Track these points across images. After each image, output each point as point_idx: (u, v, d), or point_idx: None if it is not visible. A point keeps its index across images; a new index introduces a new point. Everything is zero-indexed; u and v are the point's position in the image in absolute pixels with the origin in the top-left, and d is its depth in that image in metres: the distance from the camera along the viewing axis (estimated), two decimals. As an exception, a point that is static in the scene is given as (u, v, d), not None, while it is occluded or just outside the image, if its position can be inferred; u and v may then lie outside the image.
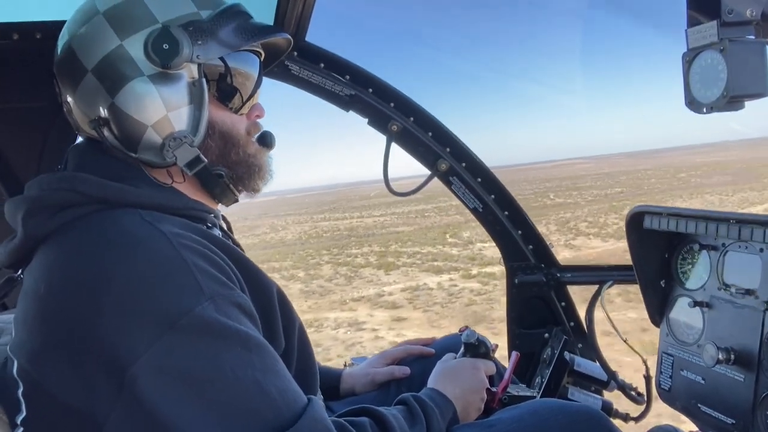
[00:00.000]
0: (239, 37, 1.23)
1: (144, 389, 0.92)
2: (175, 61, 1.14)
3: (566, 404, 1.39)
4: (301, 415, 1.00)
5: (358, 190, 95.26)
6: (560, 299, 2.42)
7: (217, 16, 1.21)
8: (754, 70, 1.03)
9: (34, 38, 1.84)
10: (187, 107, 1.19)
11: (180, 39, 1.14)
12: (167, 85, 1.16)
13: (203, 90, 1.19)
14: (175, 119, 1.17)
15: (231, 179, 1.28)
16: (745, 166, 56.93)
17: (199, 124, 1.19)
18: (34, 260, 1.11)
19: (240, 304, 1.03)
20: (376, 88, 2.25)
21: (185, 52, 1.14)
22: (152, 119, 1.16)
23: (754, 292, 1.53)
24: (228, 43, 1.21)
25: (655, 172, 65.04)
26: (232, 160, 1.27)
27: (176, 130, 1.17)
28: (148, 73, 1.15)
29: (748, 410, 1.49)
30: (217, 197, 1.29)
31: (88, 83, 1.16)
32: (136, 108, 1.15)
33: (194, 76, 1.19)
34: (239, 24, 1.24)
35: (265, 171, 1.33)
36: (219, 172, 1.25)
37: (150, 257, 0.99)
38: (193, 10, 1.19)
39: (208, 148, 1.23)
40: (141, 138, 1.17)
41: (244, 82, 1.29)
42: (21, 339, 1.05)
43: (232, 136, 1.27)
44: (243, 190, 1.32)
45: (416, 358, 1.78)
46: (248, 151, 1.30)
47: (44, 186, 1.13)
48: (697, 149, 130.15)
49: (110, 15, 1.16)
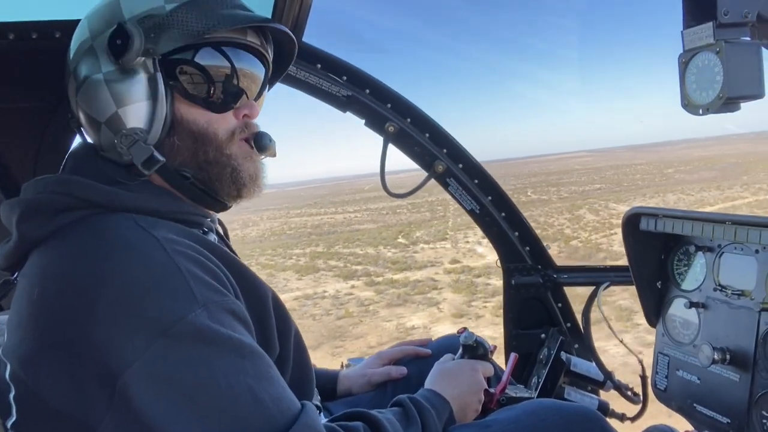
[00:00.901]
0: (200, 27, 1.15)
1: (136, 396, 0.92)
2: (126, 56, 1.12)
3: (563, 404, 1.39)
4: (294, 422, 0.99)
5: (357, 182, 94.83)
6: (557, 300, 2.43)
7: (181, 7, 1.15)
8: (750, 72, 1.04)
9: (30, 38, 1.83)
10: (142, 103, 1.15)
11: (132, 33, 1.11)
12: (120, 81, 1.14)
13: (158, 85, 1.15)
14: (127, 115, 1.15)
15: (202, 181, 1.20)
16: (740, 161, 56.88)
17: (153, 120, 1.15)
18: (28, 264, 1.10)
19: (234, 311, 1.02)
20: (373, 88, 2.25)
21: (135, 46, 1.11)
22: (104, 116, 1.16)
23: (749, 293, 1.54)
24: (189, 33, 1.14)
25: (647, 166, 65.02)
26: (202, 160, 1.19)
27: (128, 126, 1.15)
28: (105, 69, 1.15)
29: (744, 410, 1.50)
30: (199, 201, 1.23)
31: (70, 83, 1.19)
32: (90, 105, 1.16)
33: (150, 71, 1.15)
34: (203, 13, 1.16)
35: (245, 176, 1.22)
36: (184, 173, 1.19)
37: (143, 263, 0.98)
38: (158, 3, 1.15)
39: (175, 148, 1.18)
40: (98, 136, 1.18)
41: (219, 78, 1.19)
42: (13, 343, 1.04)
43: (207, 135, 1.19)
44: (225, 194, 1.23)
45: (413, 359, 1.77)
46: (225, 152, 1.20)
47: (40, 189, 1.12)
48: (700, 143, 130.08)
49: (90, 17, 1.19)
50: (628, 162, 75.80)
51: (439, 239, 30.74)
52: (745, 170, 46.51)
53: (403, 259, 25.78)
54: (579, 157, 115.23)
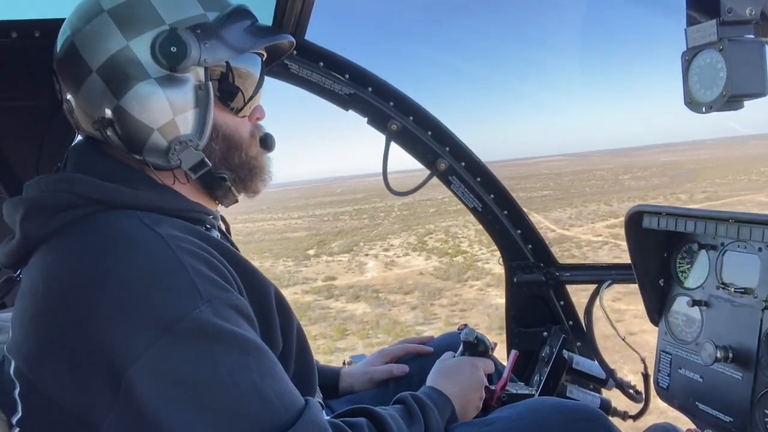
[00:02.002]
0: (246, 39, 1.21)
1: (141, 393, 0.92)
2: (183, 64, 1.12)
3: (565, 402, 1.39)
4: (298, 418, 1.00)
5: (332, 185, 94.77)
6: (559, 298, 2.43)
7: (224, 18, 1.19)
8: (754, 70, 1.03)
9: (33, 36, 1.83)
10: (192, 110, 1.17)
11: (188, 42, 1.12)
12: (174, 88, 1.14)
13: (209, 93, 1.18)
14: (181, 123, 1.16)
15: (233, 182, 1.27)
16: (698, 167, 56.96)
17: (204, 128, 1.18)
18: (31, 261, 1.10)
19: (237, 307, 1.03)
20: (375, 86, 2.25)
21: (193, 55, 1.12)
22: (159, 123, 1.15)
23: (752, 291, 1.53)
24: (235, 45, 1.19)
25: (606, 172, 64.95)
26: (235, 163, 1.26)
27: (182, 133, 1.16)
28: (155, 75, 1.13)
29: (746, 408, 1.50)
30: (219, 199, 1.29)
31: (92, 83, 1.14)
32: (142, 111, 1.13)
33: (201, 79, 1.17)
34: (246, 26, 1.22)
35: (266, 173, 1.33)
36: (222, 175, 1.25)
37: (147, 260, 0.99)
38: (200, 11, 1.17)
39: (211, 151, 1.22)
40: (146, 141, 1.16)
41: (246, 83, 1.27)
42: (18, 340, 1.05)
43: (235, 138, 1.26)
44: (243, 191, 1.32)
45: (415, 357, 1.78)
46: (250, 154, 1.29)
47: (42, 187, 1.12)
48: (675, 147, 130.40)
49: (115, 14, 1.14)
50: (591, 167, 75.91)
51: (345, 251, 31.31)
52: (695, 177, 46.77)
53: (287, 275, 26.22)
54: (554, 161, 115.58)
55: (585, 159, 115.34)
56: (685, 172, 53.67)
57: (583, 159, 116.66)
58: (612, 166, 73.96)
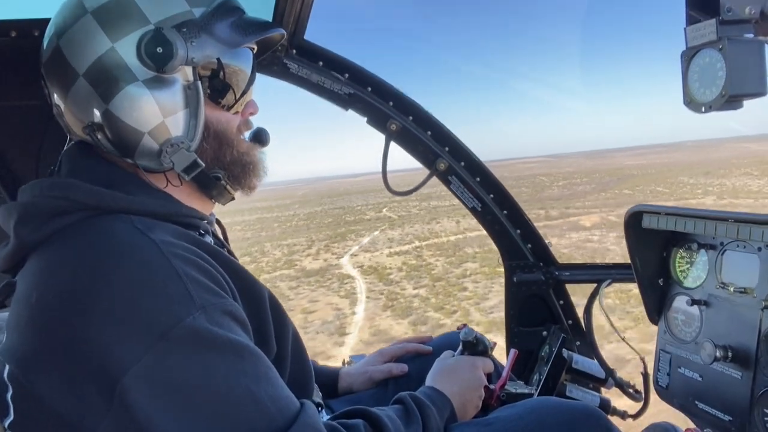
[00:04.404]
0: (235, 34, 1.18)
1: (135, 400, 0.92)
2: (170, 65, 1.10)
3: (564, 402, 1.39)
4: (293, 422, 1.00)
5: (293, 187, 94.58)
6: (558, 297, 2.43)
7: (211, 13, 1.16)
8: (753, 69, 1.03)
9: (33, 36, 1.83)
10: (182, 111, 1.15)
11: (174, 41, 1.09)
12: (162, 89, 1.12)
13: (199, 93, 1.16)
14: (171, 125, 1.14)
15: (227, 180, 1.26)
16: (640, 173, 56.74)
17: (195, 128, 1.17)
18: (26, 267, 1.09)
19: (231, 313, 1.03)
20: (375, 86, 2.25)
21: (180, 54, 1.10)
22: (149, 126, 1.13)
23: (751, 291, 1.54)
24: (224, 41, 1.17)
25: (555, 177, 64.79)
26: (227, 161, 1.25)
27: (173, 135, 1.15)
28: (142, 77, 1.11)
29: (746, 407, 1.50)
30: (214, 198, 1.28)
31: (80, 88, 1.13)
32: (132, 114, 1.12)
33: (189, 78, 1.15)
34: (234, 20, 1.19)
35: (259, 168, 1.31)
36: (216, 174, 1.23)
37: (141, 267, 0.98)
38: (185, 8, 1.14)
39: (203, 151, 1.21)
40: (137, 144, 1.14)
41: (237, 78, 1.24)
42: (12, 344, 1.04)
43: (226, 135, 1.24)
44: (239, 188, 1.30)
45: (414, 356, 1.77)
46: (240, 150, 1.27)
47: (36, 192, 1.11)
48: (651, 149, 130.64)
49: (99, 14, 1.11)
50: (553, 171, 76.00)
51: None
52: (622, 185, 46.60)
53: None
54: (528, 162, 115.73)
55: (559, 161, 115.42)
56: (618, 179, 53.35)
57: (557, 161, 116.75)
58: (572, 170, 73.84)
